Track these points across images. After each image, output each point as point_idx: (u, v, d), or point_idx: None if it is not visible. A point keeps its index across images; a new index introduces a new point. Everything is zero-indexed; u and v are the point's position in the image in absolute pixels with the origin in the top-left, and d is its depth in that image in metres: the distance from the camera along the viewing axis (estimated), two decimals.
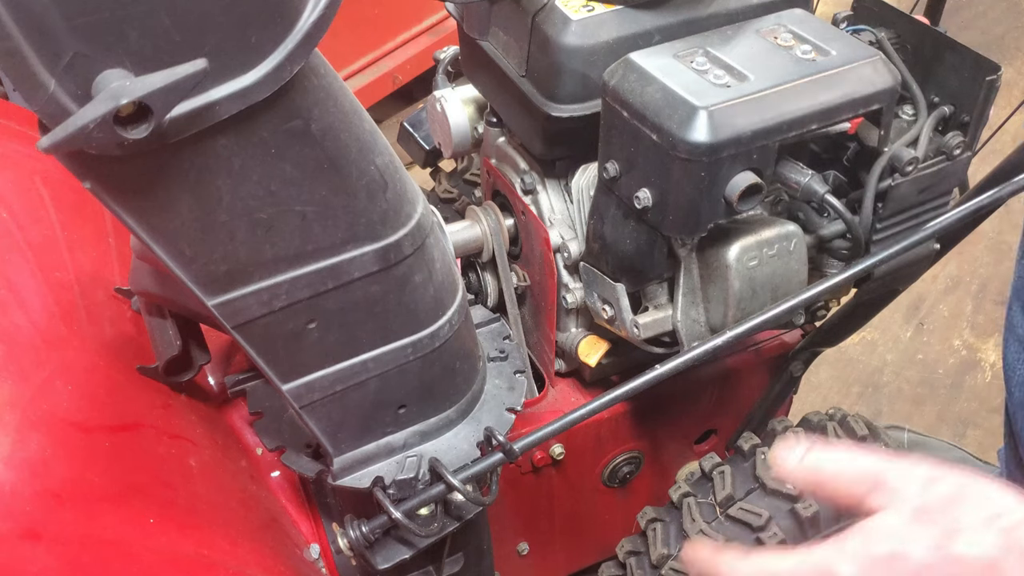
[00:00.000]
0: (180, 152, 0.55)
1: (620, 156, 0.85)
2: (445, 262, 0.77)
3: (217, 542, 0.78)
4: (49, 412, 0.76)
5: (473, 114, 1.13)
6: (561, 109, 0.91)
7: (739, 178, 0.79)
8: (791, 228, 0.90)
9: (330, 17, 0.54)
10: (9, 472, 0.69)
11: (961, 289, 2.02)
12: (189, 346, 0.90)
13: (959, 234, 1.06)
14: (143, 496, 0.76)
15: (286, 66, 0.54)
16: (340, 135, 0.62)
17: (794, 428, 1.08)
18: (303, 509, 1.00)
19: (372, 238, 0.67)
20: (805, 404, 1.73)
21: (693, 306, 0.93)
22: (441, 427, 0.84)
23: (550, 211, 1.03)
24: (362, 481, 0.80)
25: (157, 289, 0.82)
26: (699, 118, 0.76)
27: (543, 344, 1.12)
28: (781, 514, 1.00)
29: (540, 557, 1.25)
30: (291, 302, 0.67)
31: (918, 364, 1.87)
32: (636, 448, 1.18)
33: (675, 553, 1.03)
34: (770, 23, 0.88)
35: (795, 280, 0.92)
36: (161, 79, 0.46)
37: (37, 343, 0.83)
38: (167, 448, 0.84)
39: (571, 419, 0.82)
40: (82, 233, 1.02)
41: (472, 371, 0.86)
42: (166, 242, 0.60)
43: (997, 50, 2.70)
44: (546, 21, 0.90)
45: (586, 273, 0.99)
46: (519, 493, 1.14)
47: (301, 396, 0.74)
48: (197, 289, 0.63)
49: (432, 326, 0.76)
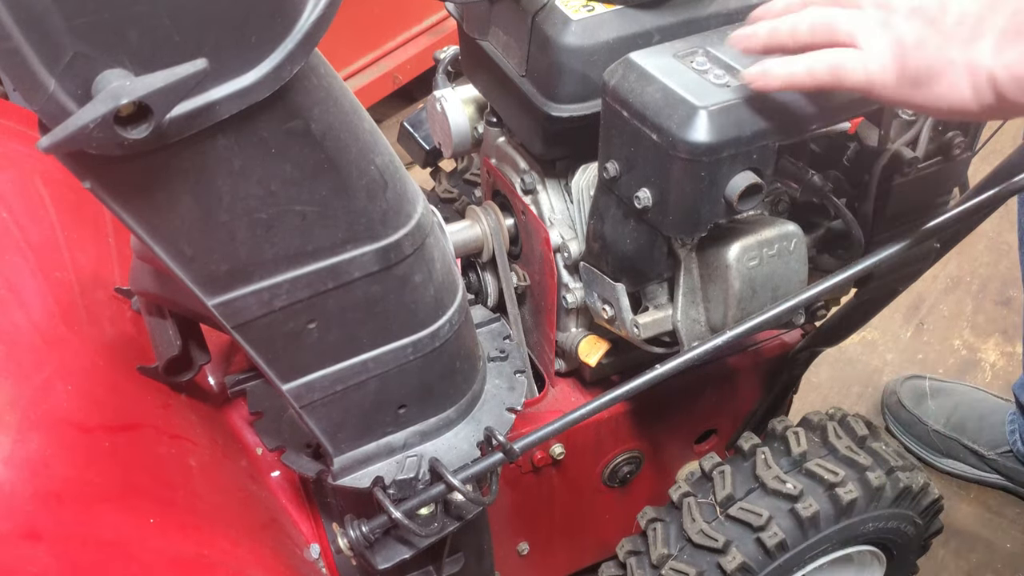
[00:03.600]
0: (180, 152, 0.55)
1: (620, 156, 0.85)
2: (445, 262, 0.77)
3: (217, 542, 0.78)
4: (49, 412, 0.76)
5: (473, 114, 1.13)
6: (561, 109, 0.91)
7: (739, 178, 0.79)
8: (791, 228, 0.90)
9: (330, 17, 0.54)
10: (9, 472, 0.69)
11: (961, 289, 2.02)
12: (189, 346, 0.90)
13: (959, 234, 1.06)
14: (143, 496, 0.76)
15: (286, 66, 0.54)
16: (340, 135, 0.62)
17: (794, 428, 1.08)
18: (303, 509, 1.00)
19: (372, 238, 0.67)
20: (805, 404, 1.73)
21: (693, 306, 0.93)
22: (441, 427, 0.84)
23: (550, 211, 1.03)
24: (362, 481, 0.80)
25: (157, 289, 0.82)
26: (699, 118, 0.76)
27: (543, 344, 1.12)
28: (781, 514, 1.00)
29: (540, 557, 1.25)
30: (291, 302, 0.67)
31: (918, 364, 1.87)
32: (636, 448, 1.18)
33: (675, 553, 1.03)
34: None
35: (795, 280, 0.92)
36: (161, 79, 0.46)
37: (37, 343, 0.83)
38: (167, 448, 0.84)
39: (571, 419, 0.82)
40: (82, 233, 1.02)
41: (472, 371, 0.86)
42: (166, 242, 0.60)
43: None
44: (546, 21, 0.90)
45: (586, 273, 0.99)
46: (519, 493, 1.14)
47: (301, 396, 0.74)
48: (197, 289, 0.63)
49: (432, 326, 0.76)
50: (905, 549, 1.15)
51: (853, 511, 1.02)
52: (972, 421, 1.64)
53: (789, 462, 1.04)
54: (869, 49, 0.68)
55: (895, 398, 1.72)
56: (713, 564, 0.99)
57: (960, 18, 0.64)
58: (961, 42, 0.63)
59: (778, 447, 1.07)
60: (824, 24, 0.70)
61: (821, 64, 0.70)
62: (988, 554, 1.56)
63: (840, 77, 0.69)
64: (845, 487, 1.00)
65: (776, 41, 0.74)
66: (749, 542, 0.99)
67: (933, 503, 1.12)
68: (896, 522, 1.07)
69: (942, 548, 1.55)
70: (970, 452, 1.63)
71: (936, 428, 1.66)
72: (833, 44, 0.70)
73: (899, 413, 1.71)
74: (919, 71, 0.66)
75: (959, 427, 1.64)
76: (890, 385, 1.76)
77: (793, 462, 1.04)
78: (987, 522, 1.61)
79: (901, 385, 1.74)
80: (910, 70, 0.66)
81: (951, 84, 0.65)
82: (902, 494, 1.05)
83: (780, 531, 0.98)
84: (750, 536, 0.99)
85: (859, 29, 0.68)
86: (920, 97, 0.67)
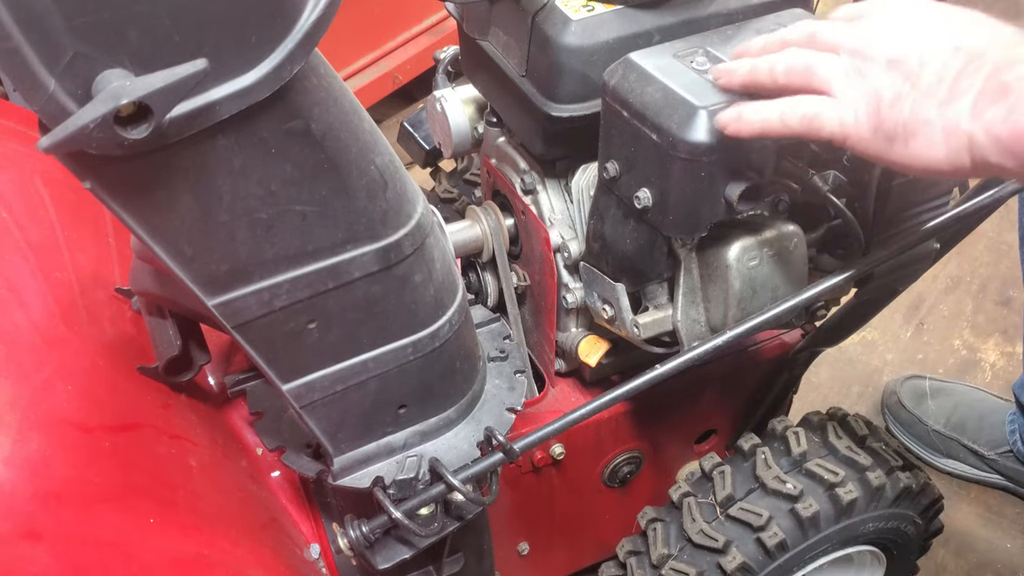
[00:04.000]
0: (180, 152, 0.55)
1: (620, 156, 0.85)
2: (445, 262, 0.77)
3: (217, 542, 0.78)
4: (49, 412, 0.76)
5: (473, 114, 1.13)
6: (561, 109, 0.91)
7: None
8: (791, 228, 0.90)
9: (330, 17, 0.54)
10: (9, 472, 0.69)
11: (961, 289, 2.02)
12: (189, 346, 0.90)
13: (959, 234, 1.06)
14: (143, 496, 0.76)
15: (286, 66, 0.54)
16: (340, 135, 0.62)
17: (794, 428, 1.08)
18: (303, 509, 1.00)
19: (372, 238, 0.67)
20: (805, 404, 1.73)
21: (693, 306, 0.93)
22: (441, 427, 0.84)
23: (550, 211, 1.03)
24: (362, 481, 0.80)
25: (157, 289, 0.82)
26: (699, 118, 0.76)
27: (543, 344, 1.12)
28: (781, 514, 1.00)
29: (540, 557, 1.25)
30: (291, 302, 0.67)
31: (918, 364, 1.87)
32: (636, 448, 1.18)
33: (675, 553, 1.03)
34: (770, 23, 0.87)
35: (795, 280, 0.92)
36: (161, 79, 0.46)
37: (37, 343, 0.83)
38: (167, 448, 0.84)
39: (571, 419, 0.82)
40: (82, 233, 1.02)
41: (472, 371, 0.86)
42: (166, 242, 0.60)
43: None
44: (546, 21, 0.90)
45: (586, 273, 0.99)
46: (519, 493, 1.14)
47: (301, 396, 0.74)
48: (197, 289, 0.63)
49: (432, 326, 0.76)
50: (905, 549, 1.15)
51: (853, 511, 1.02)
52: (972, 421, 1.64)
53: (789, 462, 1.04)
54: (844, 99, 0.67)
55: (895, 398, 1.72)
56: (713, 564, 0.99)
57: (938, 76, 0.62)
58: (939, 102, 0.62)
59: (778, 447, 1.07)
60: (801, 69, 0.69)
61: (795, 114, 0.69)
62: (988, 554, 1.56)
63: (814, 128, 0.69)
64: (845, 487, 1.00)
65: (755, 81, 0.73)
66: (749, 542, 0.99)
67: (933, 503, 1.12)
68: (896, 522, 1.07)
69: (942, 548, 1.55)
70: (970, 452, 1.63)
71: (936, 428, 1.66)
72: (809, 89, 0.69)
73: (899, 413, 1.71)
74: (895, 128, 0.65)
75: (959, 427, 1.64)
76: (890, 385, 1.76)
77: (793, 462, 1.04)
78: (987, 522, 1.61)
79: (901, 385, 1.74)
80: (886, 126, 0.65)
81: (927, 143, 0.63)
82: (902, 494, 1.05)
83: (780, 531, 0.98)
84: (750, 536, 0.99)
85: (835, 77, 0.67)
86: (894, 153, 0.66)
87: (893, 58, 0.65)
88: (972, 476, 1.65)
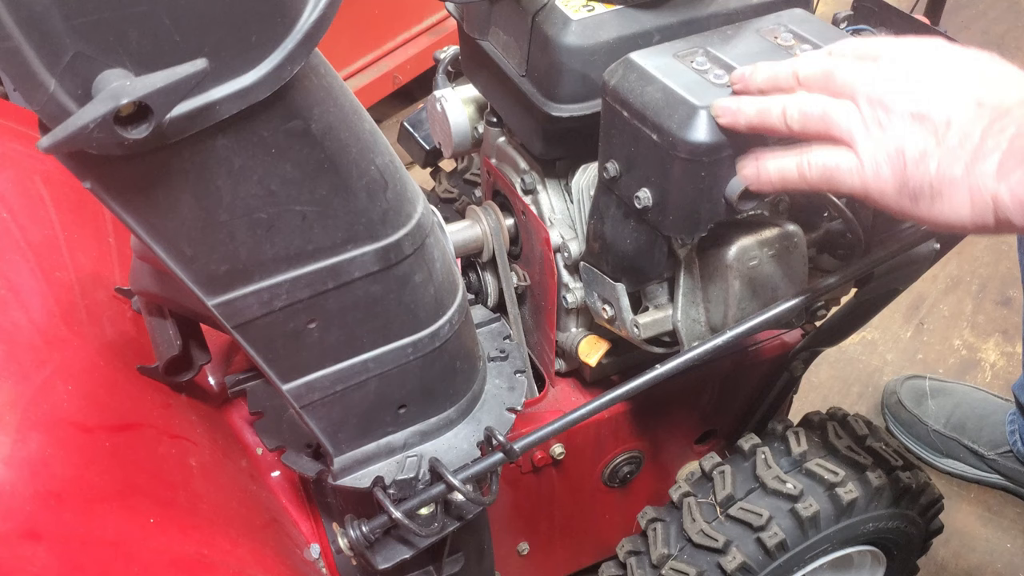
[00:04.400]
0: (180, 152, 0.55)
1: (620, 156, 0.85)
2: (445, 262, 0.77)
3: (217, 542, 0.78)
4: (49, 412, 0.76)
5: (473, 114, 1.13)
6: (561, 109, 0.91)
7: (739, 178, 0.79)
8: (791, 228, 0.90)
9: (330, 17, 0.54)
10: (9, 472, 0.69)
11: (961, 289, 2.02)
12: (189, 346, 0.90)
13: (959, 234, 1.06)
14: (143, 496, 0.76)
15: (286, 66, 0.54)
16: (340, 135, 0.62)
17: (794, 428, 1.08)
18: (303, 509, 1.00)
19: (372, 238, 0.67)
20: (805, 404, 1.73)
21: (693, 306, 0.93)
22: (441, 427, 0.84)
23: (550, 211, 1.03)
24: (362, 481, 0.80)
25: (157, 289, 0.82)
26: (699, 118, 0.76)
27: (543, 344, 1.12)
28: (781, 514, 1.00)
29: (540, 557, 1.25)
30: (291, 302, 0.67)
31: (918, 364, 1.87)
32: (636, 448, 1.18)
33: (675, 553, 1.03)
34: (770, 23, 0.87)
35: (795, 280, 0.92)
36: (161, 79, 0.46)
37: (37, 343, 0.83)
38: (167, 448, 0.84)
39: (571, 419, 0.82)
40: (82, 233, 1.02)
41: (472, 371, 0.86)
42: (166, 242, 0.60)
43: (997, 50, 2.66)
44: (546, 21, 0.90)
45: (586, 273, 0.99)
46: (519, 493, 1.14)
47: (301, 396, 0.74)
48: (197, 289, 0.63)
49: (432, 326, 0.76)
50: (905, 549, 1.15)
51: (853, 511, 1.02)
52: (972, 421, 1.64)
53: (789, 462, 1.04)
54: (865, 154, 0.65)
55: (895, 398, 1.72)
56: (713, 564, 0.99)
57: (965, 134, 0.61)
58: (965, 162, 0.61)
59: (778, 447, 1.07)
60: (818, 117, 0.67)
61: (815, 169, 0.68)
62: (988, 554, 1.56)
63: (835, 183, 0.67)
64: (845, 487, 1.00)
65: (765, 124, 0.71)
66: (749, 542, 0.99)
67: (933, 503, 1.12)
68: (896, 522, 1.07)
69: (942, 548, 1.56)
70: (970, 452, 1.63)
71: (936, 428, 1.66)
72: (826, 139, 0.68)
73: (899, 413, 1.71)
74: (921, 187, 0.63)
75: (959, 427, 1.65)
76: (890, 385, 1.76)
77: (793, 462, 1.04)
78: (987, 522, 1.61)
79: (901, 385, 1.74)
80: (911, 184, 0.63)
81: (952, 203, 0.62)
82: (902, 494, 1.05)
83: (780, 531, 0.98)
84: (750, 536, 0.99)
85: (856, 129, 0.65)
86: (919, 211, 0.64)
87: (917, 112, 0.63)
88: (972, 476, 1.65)
